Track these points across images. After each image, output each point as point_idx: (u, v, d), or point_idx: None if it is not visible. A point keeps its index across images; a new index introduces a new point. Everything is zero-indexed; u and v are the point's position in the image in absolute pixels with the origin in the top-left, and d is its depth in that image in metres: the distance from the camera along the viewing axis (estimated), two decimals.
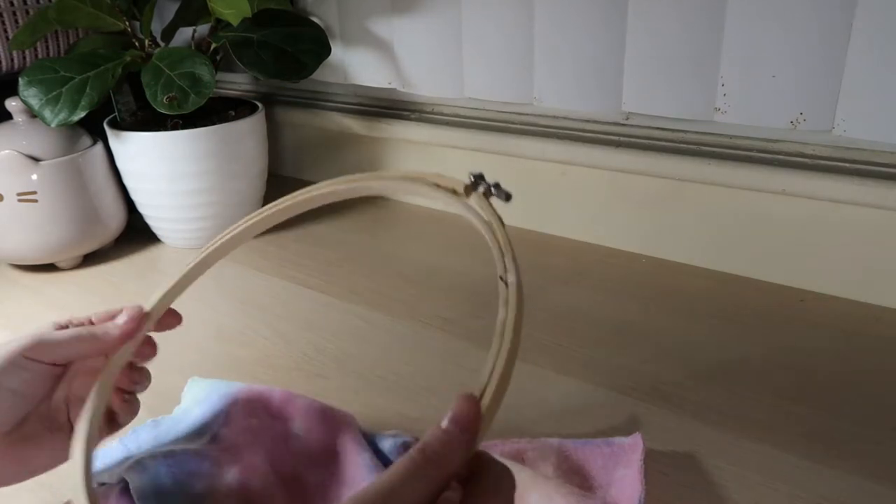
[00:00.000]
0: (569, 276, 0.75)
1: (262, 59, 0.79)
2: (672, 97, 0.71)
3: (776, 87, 0.65)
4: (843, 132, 0.63)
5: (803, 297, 0.69)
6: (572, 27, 0.74)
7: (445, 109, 0.93)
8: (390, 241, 0.87)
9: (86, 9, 0.76)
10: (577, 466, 0.46)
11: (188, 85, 0.74)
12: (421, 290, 0.74)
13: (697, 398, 0.55)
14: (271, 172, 0.94)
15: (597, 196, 0.81)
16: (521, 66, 0.80)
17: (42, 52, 0.86)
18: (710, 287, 0.72)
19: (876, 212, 0.64)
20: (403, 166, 0.97)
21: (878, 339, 0.62)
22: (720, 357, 0.60)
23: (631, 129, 0.78)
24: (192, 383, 0.57)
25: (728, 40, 0.65)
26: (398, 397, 0.56)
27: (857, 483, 0.46)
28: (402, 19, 0.87)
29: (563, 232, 0.85)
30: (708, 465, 0.48)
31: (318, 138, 1.05)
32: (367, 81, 0.95)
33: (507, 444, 0.48)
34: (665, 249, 0.78)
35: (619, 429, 0.52)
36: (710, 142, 0.73)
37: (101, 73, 0.75)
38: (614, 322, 0.66)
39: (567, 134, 0.81)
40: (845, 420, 0.52)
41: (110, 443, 0.49)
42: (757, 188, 0.69)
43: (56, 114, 0.73)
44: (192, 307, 0.73)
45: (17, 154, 0.74)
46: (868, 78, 0.60)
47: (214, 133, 0.81)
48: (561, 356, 0.61)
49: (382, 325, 0.67)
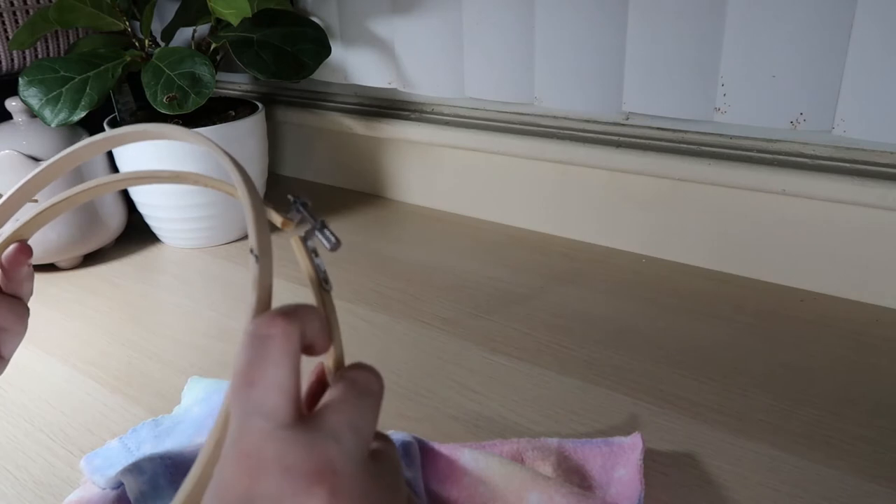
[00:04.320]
0: (569, 276, 0.75)
1: (262, 59, 0.79)
2: (672, 97, 0.71)
3: (776, 87, 0.65)
4: (843, 132, 0.63)
5: (803, 297, 0.69)
6: (572, 27, 0.74)
7: (445, 109, 0.93)
8: (390, 241, 0.87)
9: (86, 9, 0.76)
10: (576, 466, 0.46)
11: (188, 85, 0.74)
12: (421, 290, 0.74)
13: (697, 398, 0.55)
14: (271, 172, 0.94)
15: (597, 196, 0.81)
16: (521, 66, 0.80)
17: (42, 52, 0.86)
18: (710, 287, 0.72)
19: (876, 212, 0.64)
20: (403, 166, 0.97)
21: (878, 340, 0.62)
22: (720, 357, 0.60)
23: (631, 129, 0.78)
24: (192, 383, 0.57)
25: (728, 40, 0.65)
26: (398, 397, 0.56)
27: (857, 483, 0.46)
28: (403, 19, 0.87)
29: (563, 232, 0.85)
30: (708, 465, 0.48)
31: (318, 138, 1.05)
32: (367, 81, 0.95)
33: (507, 444, 0.48)
34: (665, 249, 0.78)
35: (619, 429, 0.52)
36: (710, 142, 0.73)
37: (101, 73, 0.75)
38: (614, 322, 0.66)
39: (567, 134, 0.81)
40: (845, 420, 0.52)
41: (110, 442, 0.49)
42: (757, 188, 0.69)
43: (56, 114, 0.73)
44: (192, 307, 0.74)
45: (17, 154, 0.74)
46: (868, 78, 0.60)
47: (214, 133, 0.81)
48: (561, 356, 0.61)
49: (382, 325, 0.67)
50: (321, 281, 0.31)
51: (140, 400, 0.57)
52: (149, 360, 0.63)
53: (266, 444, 0.23)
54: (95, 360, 0.63)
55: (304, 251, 0.31)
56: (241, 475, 0.22)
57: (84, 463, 0.47)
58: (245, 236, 0.89)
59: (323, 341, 0.27)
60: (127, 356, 0.64)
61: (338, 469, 0.23)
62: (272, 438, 0.23)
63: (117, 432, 0.52)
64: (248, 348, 0.24)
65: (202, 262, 0.84)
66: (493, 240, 0.85)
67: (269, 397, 0.23)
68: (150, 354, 0.64)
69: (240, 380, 0.24)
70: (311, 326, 0.26)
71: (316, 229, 0.31)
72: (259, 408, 0.23)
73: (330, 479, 0.23)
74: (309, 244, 0.31)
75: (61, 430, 0.54)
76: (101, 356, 0.64)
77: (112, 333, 0.68)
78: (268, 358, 0.24)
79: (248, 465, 0.23)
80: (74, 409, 0.57)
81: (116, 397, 0.58)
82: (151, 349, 0.65)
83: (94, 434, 0.53)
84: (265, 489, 0.22)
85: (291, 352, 0.24)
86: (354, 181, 1.04)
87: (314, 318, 0.26)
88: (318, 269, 0.31)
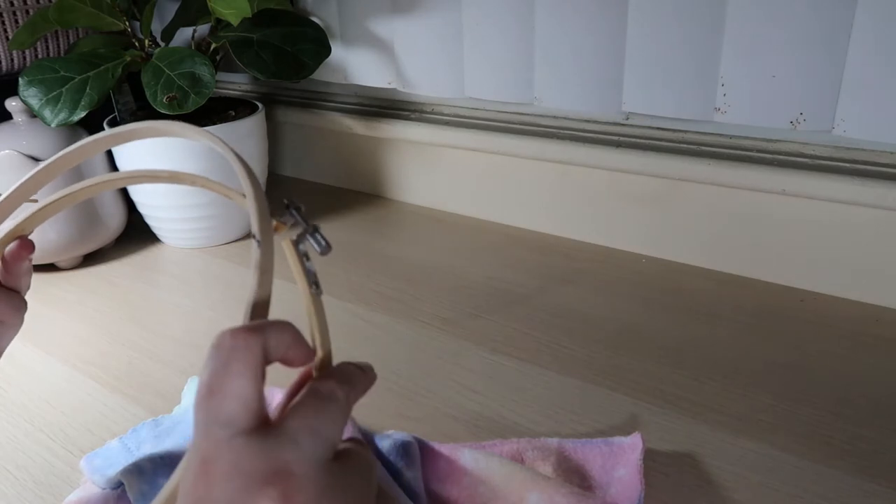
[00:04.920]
0: (569, 276, 0.75)
1: (262, 59, 0.79)
2: (672, 97, 0.71)
3: (776, 87, 0.64)
4: (843, 132, 0.63)
5: (803, 297, 0.69)
6: (572, 27, 0.74)
7: (445, 109, 0.93)
8: (390, 241, 0.87)
9: (86, 9, 0.76)
10: (576, 466, 0.46)
11: (188, 85, 0.74)
12: (421, 290, 0.74)
13: (697, 398, 0.55)
14: (271, 172, 0.94)
15: (597, 196, 0.81)
16: (521, 66, 0.80)
17: (42, 52, 0.86)
18: (710, 287, 0.72)
19: (876, 212, 0.64)
20: (403, 166, 0.97)
21: (878, 339, 0.62)
22: (720, 357, 0.60)
23: (631, 129, 0.78)
24: (192, 383, 0.57)
25: (728, 40, 0.65)
26: (398, 397, 0.56)
27: (857, 483, 0.46)
28: (403, 19, 0.87)
29: (563, 232, 0.85)
30: (708, 465, 0.48)
31: (318, 138, 1.05)
32: (367, 81, 0.95)
33: (507, 444, 0.48)
34: (665, 249, 0.78)
35: (619, 429, 0.52)
36: (710, 142, 0.73)
37: (101, 73, 0.75)
38: (614, 322, 0.66)
39: (567, 134, 0.81)
40: (845, 420, 0.52)
41: (110, 442, 0.49)
42: (757, 188, 0.69)
43: (56, 114, 0.73)
44: (192, 307, 0.74)
45: (17, 154, 0.74)
46: (868, 78, 0.60)
47: (214, 133, 0.80)
48: (561, 356, 0.61)
49: (382, 325, 0.67)
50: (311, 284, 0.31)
51: (140, 400, 0.57)
52: (149, 360, 0.63)
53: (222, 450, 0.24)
54: (95, 360, 0.63)
55: (295, 254, 0.32)
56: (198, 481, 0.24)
57: (84, 463, 0.47)
58: (244, 237, 0.89)
59: (300, 353, 0.28)
60: (127, 356, 0.64)
61: (293, 471, 0.24)
62: (228, 445, 0.24)
63: (117, 432, 0.52)
64: (210, 360, 0.25)
65: (202, 262, 0.84)
66: (493, 240, 0.85)
67: (227, 406, 0.24)
68: (150, 354, 0.64)
69: (202, 390, 0.25)
70: (279, 339, 0.27)
71: (308, 233, 0.32)
72: (218, 417, 0.24)
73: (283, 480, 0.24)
74: (301, 248, 0.32)
75: (61, 430, 0.54)
76: (101, 356, 0.64)
77: (112, 333, 0.68)
78: (229, 369, 0.25)
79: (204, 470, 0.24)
80: (74, 409, 0.57)
81: (116, 397, 0.58)
82: (151, 349, 0.65)
83: (94, 434, 0.53)
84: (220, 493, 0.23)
85: (252, 363, 0.25)
86: (354, 181, 1.04)
87: (283, 332, 0.27)
88: (309, 272, 0.31)
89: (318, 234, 0.32)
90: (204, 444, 0.24)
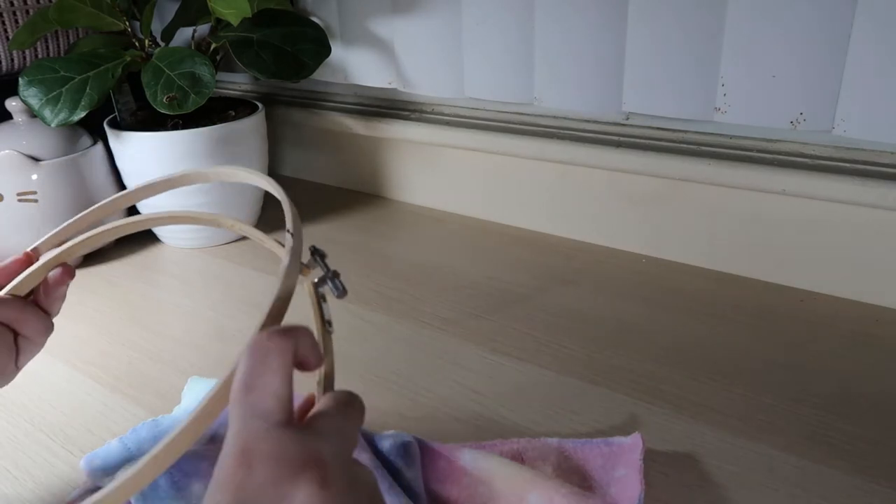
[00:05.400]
0: (569, 276, 0.75)
1: (262, 59, 0.79)
2: (672, 97, 0.71)
3: (776, 87, 0.64)
4: (843, 132, 0.63)
5: (803, 298, 0.69)
6: (572, 27, 0.74)
7: (445, 109, 0.93)
8: (390, 241, 0.87)
9: (86, 9, 0.76)
10: (576, 466, 0.46)
11: (188, 85, 0.74)
12: (421, 290, 0.74)
13: (697, 398, 0.55)
14: (271, 172, 0.94)
15: (597, 196, 0.81)
16: (521, 66, 0.80)
17: (42, 51, 0.86)
18: (710, 287, 0.72)
19: (876, 212, 0.64)
20: (403, 166, 0.97)
21: (878, 339, 0.62)
22: (720, 357, 0.60)
23: (631, 129, 0.78)
24: (192, 383, 0.57)
25: (728, 40, 0.65)
26: (398, 397, 0.56)
27: (857, 483, 0.46)
28: (403, 19, 0.87)
29: (563, 232, 0.85)
30: (708, 465, 0.48)
31: (318, 138, 1.05)
32: (367, 81, 0.95)
33: (507, 444, 0.48)
34: (665, 249, 0.78)
35: (619, 429, 0.52)
36: (710, 142, 0.73)
37: (101, 73, 0.75)
38: (614, 322, 0.66)
39: (567, 134, 0.81)
40: (845, 420, 0.52)
41: (110, 442, 0.49)
42: (757, 188, 0.69)
43: (56, 114, 0.73)
44: (192, 307, 0.74)
45: (17, 154, 0.74)
46: (868, 78, 0.60)
47: (214, 133, 0.81)
48: (561, 356, 0.61)
49: (382, 325, 0.67)
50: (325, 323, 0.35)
51: (140, 400, 0.57)
52: (149, 360, 0.63)
53: (261, 440, 0.26)
54: (95, 360, 0.63)
55: (314, 296, 0.36)
56: (238, 467, 0.25)
57: (84, 463, 0.47)
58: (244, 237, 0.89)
59: (315, 358, 0.30)
60: (127, 356, 0.64)
61: (326, 461, 0.26)
62: (267, 435, 0.26)
63: (117, 432, 0.52)
64: (248, 358, 0.27)
65: (202, 262, 0.84)
66: (493, 240, 0.85)
67: (265, 401, 0.27)
68: (150, 354, 0.64)
69: (240, 385, 0.27)
70: (304, 344, 0.29)
71: (328, 278, 0.36)
72: (256, 410, 0.26)
73: (320, 468, 0.26)
74: (320, 290, 0.36)
75: (61, 430, 0.54)
76: (101, 356, 0.64)
77: (112, 333, 0.68)
78: (265, 367, 0.27)
79: (245, 458, 0.25)
80: (74, 409, 0.57)
81: (116, 397, 0.58)
82: (151, 349, 0.65)
83: (94, 434, 0.53)
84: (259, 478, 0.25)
85: (286, 364, 0.27)
86: (354, 181, 1.04)
87: (307, 337, 0.30)
88: (325, 313, 0.35)
89: (337, 280, 0.36)
90: (244, 434, 0.26)
